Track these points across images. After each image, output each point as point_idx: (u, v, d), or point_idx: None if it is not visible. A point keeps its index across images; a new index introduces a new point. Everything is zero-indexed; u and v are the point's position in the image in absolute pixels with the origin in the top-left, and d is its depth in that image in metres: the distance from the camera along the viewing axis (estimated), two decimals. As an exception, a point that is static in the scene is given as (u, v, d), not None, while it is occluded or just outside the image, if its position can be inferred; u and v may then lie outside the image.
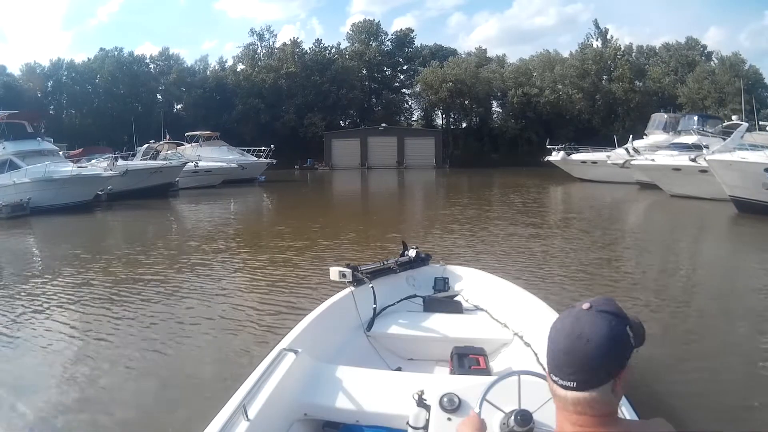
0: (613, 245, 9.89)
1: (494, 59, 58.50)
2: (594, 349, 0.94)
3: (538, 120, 50.91)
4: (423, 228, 12.39)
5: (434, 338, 3.32)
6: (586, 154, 27.50)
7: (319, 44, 59.04)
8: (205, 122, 50.44)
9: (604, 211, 16.49)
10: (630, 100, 48.24)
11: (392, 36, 63.89)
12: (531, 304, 3.47)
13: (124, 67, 52.84)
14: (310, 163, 49.99)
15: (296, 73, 53.92)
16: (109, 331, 5.07)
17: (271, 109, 52.66)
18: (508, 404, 1.74)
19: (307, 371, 2.46)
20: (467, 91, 52.15)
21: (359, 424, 2.26)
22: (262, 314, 5.49)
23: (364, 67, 60.68)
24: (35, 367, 4.33)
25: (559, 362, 0.97)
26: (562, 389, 0.98)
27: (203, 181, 25.58)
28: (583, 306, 0.99)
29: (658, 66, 51.33)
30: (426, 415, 1.99)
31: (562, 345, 0.97)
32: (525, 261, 8.08)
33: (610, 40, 53.01)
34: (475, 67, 54.07)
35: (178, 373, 4.11)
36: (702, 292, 6.66)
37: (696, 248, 10.34)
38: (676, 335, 4.80)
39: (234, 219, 16.48)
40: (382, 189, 29.61)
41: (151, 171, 22.35)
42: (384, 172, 44.31)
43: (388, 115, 57.22)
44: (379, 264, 3.98)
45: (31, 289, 6.89)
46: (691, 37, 53.98)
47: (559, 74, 50.88)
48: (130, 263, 8.53)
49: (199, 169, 25.45)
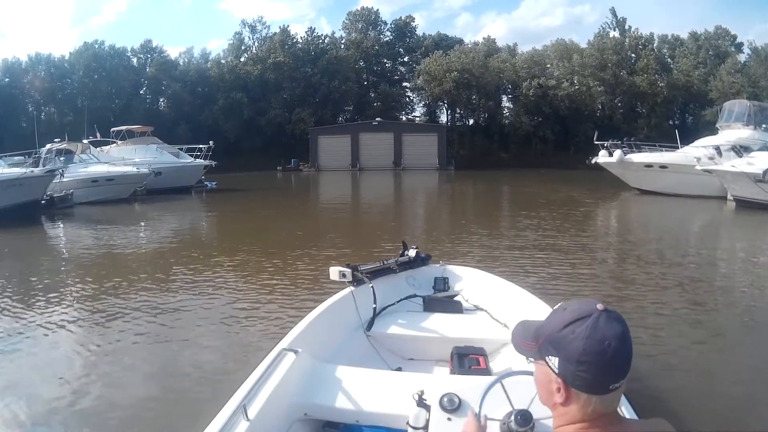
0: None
1: (504, 48, 58.06)
2: (629, 343, 1.07)
3: (555, 116, 50.23)
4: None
5: (434, 338, 3.61)
6: (652, 155, 22.16)
7: (311, 32, 58.62)
8: (187, 119, 50.67)
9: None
10: (656, 95, 48.14)
11: (391, 25, 63.34)
12: (531, 304, 3.77)
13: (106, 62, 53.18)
14: (295, 163, 48.67)
15: (284, 63, 53.33)
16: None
17: (255, 103, 52.21)
18: (508, 405, 1.93)
19: (307, 371, 2.70)
20: (475, 82, 51.28)
21: (359, 424, 2.49)
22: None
23: (361, 59, 60.20)
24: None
25: (624, 366, 1.06)
26: (616, 393, 1.08)
27: (107, 193, 21.38)
28: (598, 307, 1.08)
29: (686, 57, 51.12)
30: (426, 415, 2.19)
31: (626, 348, 1.06)
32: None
33: (628, 30, 52.92)
34: (483, 56, 53.35)
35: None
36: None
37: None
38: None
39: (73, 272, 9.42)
40: (375, 200, 25.07)
41: (7, 184, 17.38)
42: (378, 174, 42.29)
43: (387, 110, 56.21)
44: (379, 264, 4.31)
45: None
46: (720, 26, 53.74)
47: (577, 64, 50.17)
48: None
49: (99, 178, 21.76)
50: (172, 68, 55.57)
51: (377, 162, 47.06)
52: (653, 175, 21.11)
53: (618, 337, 1.05)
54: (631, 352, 1.07)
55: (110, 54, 54.39)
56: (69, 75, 53.25)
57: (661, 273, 8.49)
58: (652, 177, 21.15)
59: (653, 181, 21.09)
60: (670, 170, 20.43)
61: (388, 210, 20.62)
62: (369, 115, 52.71)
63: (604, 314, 1.07)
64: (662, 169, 20.81)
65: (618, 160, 21.87)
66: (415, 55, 60.98)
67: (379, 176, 40.65)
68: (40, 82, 52.03)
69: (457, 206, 22.42)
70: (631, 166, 21.88)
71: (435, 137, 48.69)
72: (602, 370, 1.05)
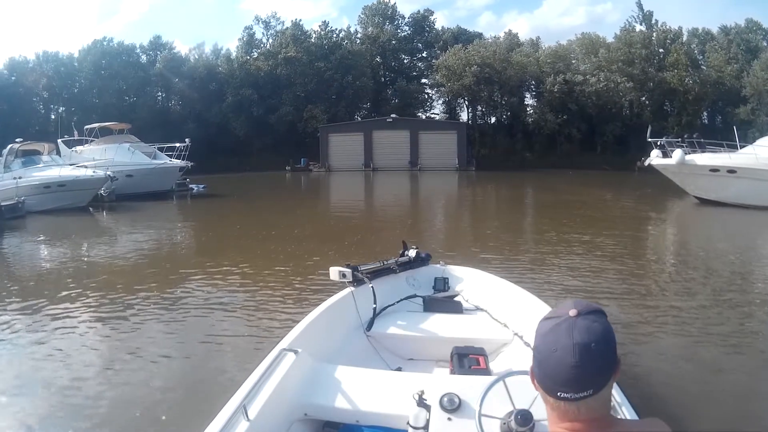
0: None
1: (527, 42, 57.60)
2: (602, 351, 1.06)
3: (581, 113, 49.68)
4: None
5: (434, 338, 3.77)
6: (719, 156, 18.97)
7: (325, 27, 58.36)
8: (196, 116, 51.16)
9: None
10: (688, 92, 47.47)
11: (409, 19, 62.96)
12: (531, 304, 3.91)
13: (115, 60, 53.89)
14: (304, 163, 47.99)
15: (296, 58, 53.27)
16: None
17: (265, 100, 52.30)
18: (508, 404, 2.06)
19: (307, 371, 2.83)
20: (496, 77, 50.66)
21: (359, 424, 2.61)
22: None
23: (378, 54, 60.05)
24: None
25: (568, 377, 1.05)
26: (574, 402, 1.07)
27: (62, 201, 19.58)
28: (570, 313, 1.09)
29: (717, 52, 50.42)
30: (426, 415, 2.32)
31: (571, 361, 1.04)
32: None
33: (655, 24, 52.37)
34: (505, 50, 52.85)
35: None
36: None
37: None
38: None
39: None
40: (391, 207, 22.51)
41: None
42: (393, 175, 40.99)
43: (404, 107, 55.73)
44: (379, 264, 4.49)
45: None
46: (751, 19, 52.77)
47: (604, 59, 49.64)
48: None
49: (51, 183, 19.93)
50: (180, 64, 56.09)
51: (392, 162, 45.92)
52: (720, 181, 18.12)
53: (567, 347, 1.05)
54: (584, 369, 1.05)
55: (119, 51, 55.15)
56: (77, 73, 54.10)
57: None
58: (718, 184, 18.21)
59: (720, 188, 18.17)
60: (738, 175, 17.58)
61: (407, 220, 17.82)
62: (385, 113, 51.67)
63: (571, 320, 1.07)
64: (730, 174, 17.80)
65: (678, 162, 18.75)
66: (434, 50, 60.64)
67: (395, 177, 39.42)
68: (48, 80, 52.87)
69: (489, 219, 18.35)
70: (694, 169, 18.80)
71: (454, 135, 47.35)
72: (548, 370, 1.08)
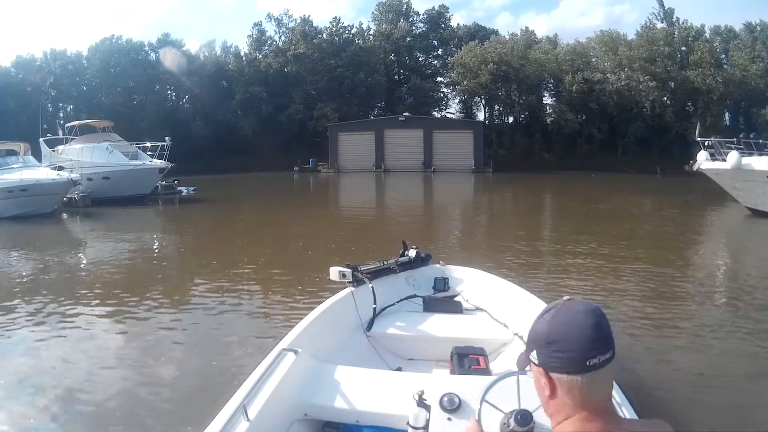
0: None
1: (544, 40, 57.12)
2: (604, 315, 1.18)
3: (602, 113, 49.29)
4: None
5: (434, 338, 3.86)
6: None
7: (336, 23, 58.52)
8: (204, 114, 51.66)
9: None
10: (712, 91, 46.89)
11: (424, 15, 62.93)
12: (531, 303, 3.97)
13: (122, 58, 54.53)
14: (313, 163, 47.65)
15: (306, 55, 53.36)
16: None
17: (275, 98, 52.40)
18: (508, 404, 2.10)
19: (307, 371, 2.91)
20: (514, 75, 50.39)
21: (359, 424, 2.68)
22: None
23: (392, 52, 60.02)
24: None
25: (594, 337, 1.13)
26: (602, 368, 1.14)
27: (26, 206, 18.39)
28: (563, 298, 1.21)
29: (741, 50, 49.71)
30: (426, 415, 2.39)
31: (590, 322, 1.14)
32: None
33: (676, 21, 51.92)
34: (523, 47, 52.48)
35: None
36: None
37: None
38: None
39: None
40: (407, 213, 20.59)
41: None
42: (406, 177, 40.26)
43: (418, 106, 55.52)
44: (379, 264, 4.59)
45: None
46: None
47: (625, 56, 49.12)
48: None
49: (13, 188, 18.79)
50: (189, 62, 56.51)
51: (404, 162, 45.37)
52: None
53: (582, 312, 1.16)
54: (603, 328, 1.15)
55: (127, 49, 55.75)
56: (85, 71, 54.89)
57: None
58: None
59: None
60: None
61: (424, 226, 16.74)
62: (399, 112, 51.21)
63: (567, 302, 1.20)
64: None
65: (734, 167, 16.29)
66: (449, 47, 60.48)
67: (407, 179, 38.66)
68: (56, 78, 53.74)
69: (520, 238, 13.96)
70: (750, 175, 16.29)
71: (470, 135, 46.59)
72: (571, 344, 1.14)
